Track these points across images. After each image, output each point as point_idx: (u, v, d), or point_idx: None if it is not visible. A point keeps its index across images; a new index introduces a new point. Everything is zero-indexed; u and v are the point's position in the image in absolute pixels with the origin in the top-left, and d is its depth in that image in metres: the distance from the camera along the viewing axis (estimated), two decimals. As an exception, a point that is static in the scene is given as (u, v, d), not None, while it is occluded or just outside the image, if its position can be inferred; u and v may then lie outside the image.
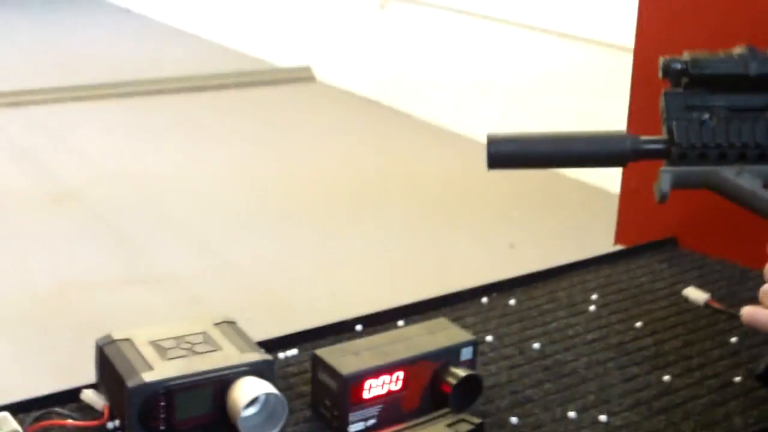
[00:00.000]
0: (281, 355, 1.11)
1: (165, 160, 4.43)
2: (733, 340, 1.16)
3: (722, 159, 0.92)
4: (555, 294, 1.28)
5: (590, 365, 1.10)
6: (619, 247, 1.47)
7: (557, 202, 3.86)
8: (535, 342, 1.15)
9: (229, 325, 1.06)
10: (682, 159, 0.92)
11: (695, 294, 1.26)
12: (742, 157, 0.92)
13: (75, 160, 4.45)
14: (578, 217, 3.68)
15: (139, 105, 5.47)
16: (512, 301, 1.25)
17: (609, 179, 3.64)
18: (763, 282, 1.27)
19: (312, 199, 3.97)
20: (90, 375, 1.03)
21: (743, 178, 0.91)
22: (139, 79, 5.77)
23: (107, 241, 3.54)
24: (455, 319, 1.15)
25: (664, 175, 0.92)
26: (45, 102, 5.42)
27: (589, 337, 1.16)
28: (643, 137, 0.94)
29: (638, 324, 1.19)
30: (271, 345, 1.12)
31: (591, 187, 3.95)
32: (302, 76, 5.94)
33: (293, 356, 1.11)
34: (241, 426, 0.93)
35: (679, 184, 0.92)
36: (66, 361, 2.60)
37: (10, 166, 4.35)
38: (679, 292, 1.28)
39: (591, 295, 1.27)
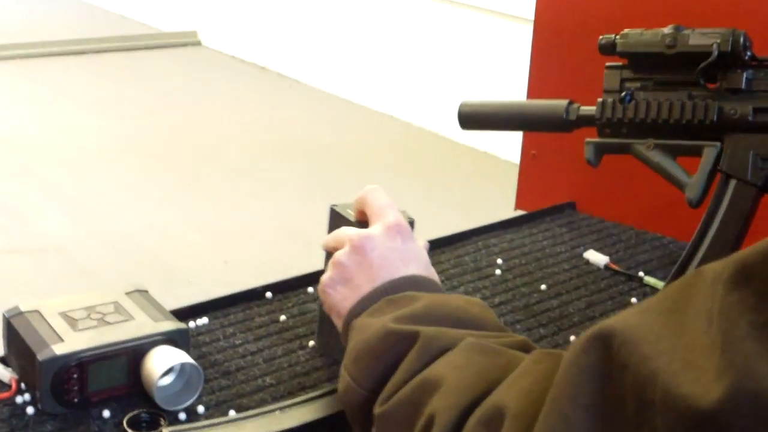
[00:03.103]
0: (192, 324, 1.10)
1: (47, 127, 4.30)
2: (633, 300, 1.20)
3: (638, 133, 1.01)
4: (461, 259, 1.30)
5: (499, 328, 1.12)
6: (520, 212, 1.50)
7: (451, 170, 3.89)
8: (444, 306, 1.16)
9: (141, 294, 1.05)
10: (604, 130, 1.03)
11: (595, 257, 1.30)
12: (656, 131, 0.99)
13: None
14: (473, 184, 3.73)
15: (19, 69, 5.29)
16: (420, 266, 1.26)
17: (499, 146, 3.70)
18: (658, 244, 1.32)
19: (201, 165, 3.92)
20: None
21: (653, 153, 0.99)
22: (19, 43, 5.58)
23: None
24: (365, 285, 1.16)
25: (588, 146, 1.04)
26: None
27: (497, 300, 1.19)
28: (582, 108, 1.07)
29: (543, 286, 1.22)
30: (182, 314, 1.11)
31: (481, 153, 4.01)
32: (188, 41, 5.83)
33: (204, 325, 1.10)
34: (156, 395, 0.92)
35: (601, 153, 1.04)
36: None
37: None
38: (580, 255, 1.32)
39: (496, 259, 1.29)
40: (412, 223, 0.97)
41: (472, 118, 1.15)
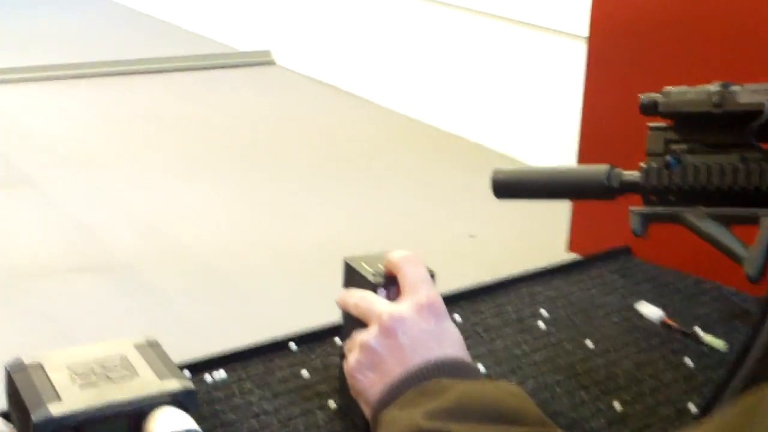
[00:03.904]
0: (208, 377, 1.04)
1: (120, 144, 4.32)
2: (688, 361, 1.10)
3: (687, 200, 0.92)
4: (503, 308, 1.21)
5: (537, 389, 1.04)
6: (572, 256, 1.41)
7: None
8: (480, 363, 1.08)
9: (151, 347, 0.99)
10: (650, 198, 0.95)
11: (649, 309, 1.20)
12: (707, 198, 0.91)
13: (29, 144, 4.33)
14: (544, 211, 3.63)
15: (97, 87, 5.34)
16: (457, 316, 1.19)
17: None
18: (717, 295, 1.22)
19: (271, 184, 3.89)
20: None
21: (705, 223, 0.91)
22: (97, 61, 5.64)
23: (59, 228, 3.44)
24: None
25: (633, 216, 0.96)
26: (1, 82, 5.28)
27: (537, 357, 1.10)
28: (625, 174, 0.97)
29: (588, 342, 1.13)
30: (198, 367, 1.05)
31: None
32: (262, 60, 5.83)
33: (221, 379, 1.04)
34: (156, 463, 0.86)
35: (648, 222, 0.96)
36: (10, 351, 2.51)
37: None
38: (631, 306, 1.22)
39: (540, 309, 1.21)
40: (432, 276, 0.90)
41: (507, 187, 1.07)
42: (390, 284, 0.90)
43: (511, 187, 1.06)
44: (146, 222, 3.49)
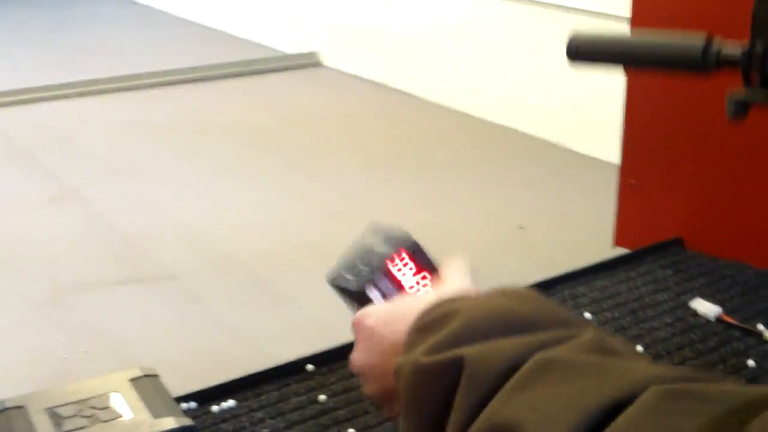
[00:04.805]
0: (215, 407, 0.95)
1: (170, 156, 4.29)
2: (751, 363, 0.98)
3: None
4: (542, 313, 1.10)
5: (579, 405, 0.93)
6: (618, 250, 1.29)
7: (570, 182, 3.67)
8: (516, 377, 0.98)
9: (149, 379, 0.90)
10: (752, 78, 0.81)
11: (705, 307, 1.08)
12: None
13: (77, 158, 4.32)
14: (593, 198, 3.50)
15: (144, 98, 5.33)
16: (491, 326, 1.08)
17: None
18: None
19: (322, 187, 3.82)
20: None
21: None
22: (144, 72, 5.63)
23: (106, 240, 3.41)
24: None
25: (731, 99, 0.81)
26: (48, 99, 5.29)
27: (580, 367, 0.99)
28: (725, 46, 0.83)
29: (638, 347, 1.02)
30: (207, 395, 0.96)
31: (604, 163, 3.77)
32: (309, 62, 5.76)
33: (230, 408, 0.95)
34: None
35: (748, 107, 0.81)
36: (56, 367, 2.48)
37: (10, 166, 4.22)
38: (686, 304, 1.10)
39: (583, 312, 1.10)
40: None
41: (584, 50, 0.93)
42: (381, 279, 0.83)
43: (589, 50, 0.92)
44: (193, 231, 3.44)
